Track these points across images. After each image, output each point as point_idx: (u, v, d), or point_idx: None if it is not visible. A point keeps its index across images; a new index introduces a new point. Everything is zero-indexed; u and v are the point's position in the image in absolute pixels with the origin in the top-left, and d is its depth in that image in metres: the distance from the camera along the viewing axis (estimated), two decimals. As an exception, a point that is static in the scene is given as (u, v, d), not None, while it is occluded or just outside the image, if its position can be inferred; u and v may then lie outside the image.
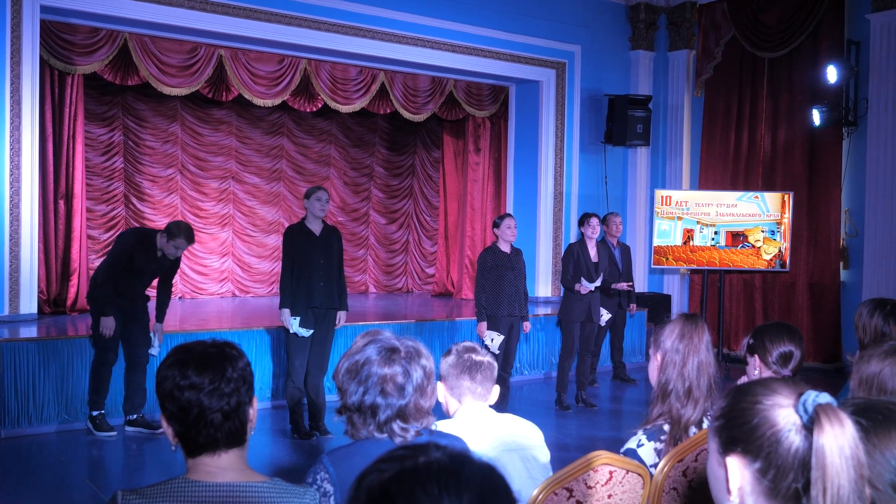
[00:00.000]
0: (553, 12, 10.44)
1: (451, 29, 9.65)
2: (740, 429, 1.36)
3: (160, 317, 6.68)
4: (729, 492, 1.38)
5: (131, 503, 1.70)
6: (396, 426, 2.06)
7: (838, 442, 1.26)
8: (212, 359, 1.77)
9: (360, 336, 2.16)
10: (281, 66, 9.42)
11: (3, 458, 5.88)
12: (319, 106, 10.11)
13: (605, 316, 8.18)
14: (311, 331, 6.44)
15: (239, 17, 8.35)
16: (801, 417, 1.32)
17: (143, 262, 6.39)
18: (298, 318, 6.39)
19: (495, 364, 2.82)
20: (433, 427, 2.20)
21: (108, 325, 6.31)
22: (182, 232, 6.38)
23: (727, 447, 1.38)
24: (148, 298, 6.68)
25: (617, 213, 9.13)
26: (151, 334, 6.62)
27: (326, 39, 8.91)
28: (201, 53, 8.89)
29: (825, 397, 1.32)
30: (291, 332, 6.41)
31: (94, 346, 6.51)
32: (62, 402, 6.55)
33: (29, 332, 7.00)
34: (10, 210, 7.38)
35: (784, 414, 1.33)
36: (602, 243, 8.74)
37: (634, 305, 9.07)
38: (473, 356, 2.77)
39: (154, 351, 6.61)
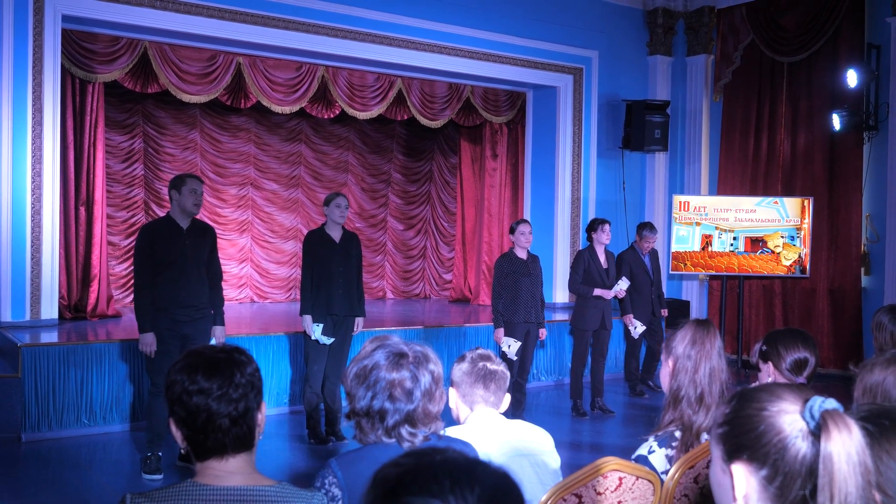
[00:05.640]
0: (570, 18, 10.43)
1: (468, 35, 9.66)
2: (746, 436, 1.34)
3: (217, 317, 5.91)
4: (734, 499, 1.37)
5: (140, 506, 1.71)
6: (405, 431, 2.07)
7: (846, 448, 1.25)
8: (221, 364, 1.78)
9: (369, 341, 2.17)
10: (299, 74, 9.48)
11: (24, 463, 5.95)
12: (337, 113, 10.16)
13: (640, 328, 8.12)
14: (333, 339, 6.45)
15: (257, 25, 8.41)
16: (807, 423, 1.30)
17: (167, 247, 5.59)
18: (321, 326, 6.42)
19: (508, 373, 2.82)
20: (442, 432, 2.21)
21: (146, 341, 5.55)
22: (185, 175, 5.81)
23: (732, 454, 1.36)
24: (209, 318, 5.86)
25: (655, 228, 8.78)
26: (211, 340, 5.85)
27: (344, 46, 8.95)
28: (220, 61, 8.95)
29: (832, 403, 1.31)
30: (313, 339, 6.43)
31: (147, 373, 5.91)
32: (82, 407, 6.61)
33: (50, 337, 7.08)
34: (32, 216, 7.47)
35: (790, 420, 1.32)
36: (631, 251, 8.67)
37: (666, 311, 8.96)
38: (488, 365, 2.77)
39: None
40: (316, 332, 6.39)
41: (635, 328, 8.07)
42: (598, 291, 7.52)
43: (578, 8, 10.51)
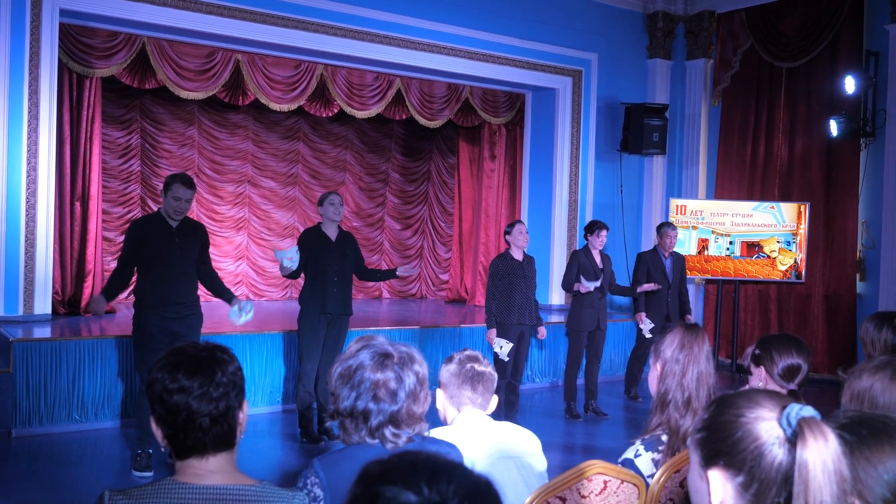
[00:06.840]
0: (570, 20, 10.43)
1: (468, 36, 9.66)
2: (723, 442, 1.34)
3: (229, 295, 6.05)
4: (711, 505, 1.37)
5: (118, 503, 1.71)
6: (388, 432, 2.06)
7: (821, 456, 1.25)
8: (202, 363, 1.77)
9: (355, 341, 2.17)
10: (297, 72, 9.47)
11: (15, 458, 5.93)
12: (335, 111, 10.15)
13: (649, 325, 8.04)
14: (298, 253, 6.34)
15: (256, 23, 8.40)
16: (784, 431, 1.30)
17: (157, 243, 5.58)
18: (294, 249, 6.36)
19: (496, 375, 2.82)
20: (426, 433, 2.20)
21: (96, 301, 5.84)
22: (175, 178, 5.68)
23: (709, 460, 1.36)
24: (199, 315, 5.87)
25: (674, 226, 8.51)
26: (236, 307, 5.96)
27: (343, 45, 8.94)
28: (218, 58, 8.95)
29: (809, 410, 1.31)
30: (285, 264, 6.29)
31: (137, 371, 5.89)
32: (74, 403, 6.59)
33: (42, 332, 7.06)
34: (27, 211, 7.46)
35: (767, 427, 1.31)
36: (652, 252, 8.48)
37: (690, 317, 8.64)
38: (476, 366, 2.76)
39: (244, 318, 5.95)
40: (283, 258, 6.27)
41: (646, 325, 7.98)
42: (583, 284, 7.43)
43: (578, 10, 10.51)
